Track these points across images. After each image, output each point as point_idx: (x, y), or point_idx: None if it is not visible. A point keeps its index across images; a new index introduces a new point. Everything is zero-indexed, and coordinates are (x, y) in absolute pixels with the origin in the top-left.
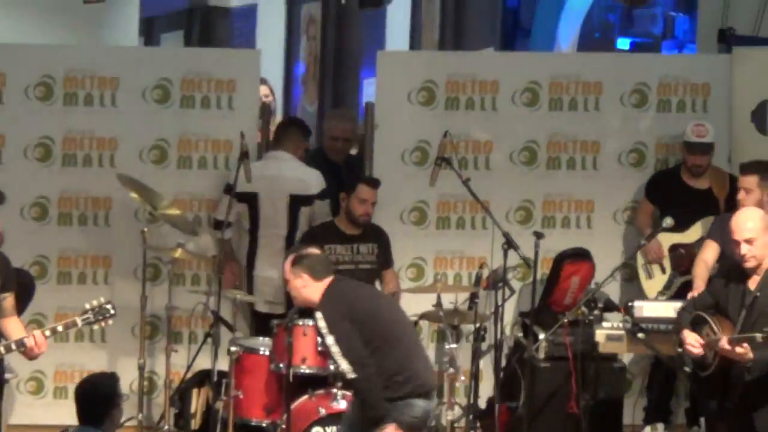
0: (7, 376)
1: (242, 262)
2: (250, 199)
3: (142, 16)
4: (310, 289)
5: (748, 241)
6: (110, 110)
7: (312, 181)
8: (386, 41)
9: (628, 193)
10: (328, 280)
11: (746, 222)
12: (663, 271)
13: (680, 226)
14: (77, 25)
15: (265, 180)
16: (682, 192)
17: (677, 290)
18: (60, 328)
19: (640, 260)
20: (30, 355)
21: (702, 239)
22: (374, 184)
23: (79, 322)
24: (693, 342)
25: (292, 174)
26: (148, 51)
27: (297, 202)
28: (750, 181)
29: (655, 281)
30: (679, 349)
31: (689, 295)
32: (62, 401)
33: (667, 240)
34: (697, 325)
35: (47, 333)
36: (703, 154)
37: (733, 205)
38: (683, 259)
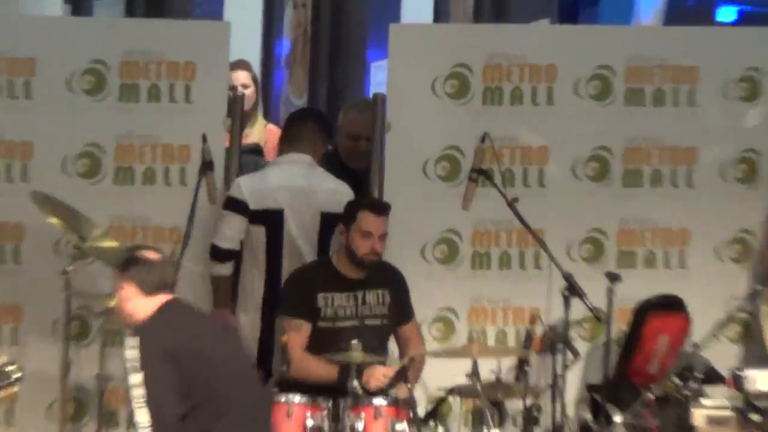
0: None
1: (251, 304)
2: (272, 219)
3: None
4: (135, 303)
5: None
6: (23, 104)
7: (345, 195)
8: (402, 11)
9: (736, 219)
10: (161, 299)
11: None
12: None
13: None
14: None
15: (288, 193)
16: None
17: None
18: None
19: (765, 311)
20: None
21: None
22: (382, 209)
23: None
24: None
25: (324, 185)
26: (75, 22)
27: (329, 222)
28: None
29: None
30: None
31: None
32: None
33: None
34: None
35: None
36: None
37: None
38: None
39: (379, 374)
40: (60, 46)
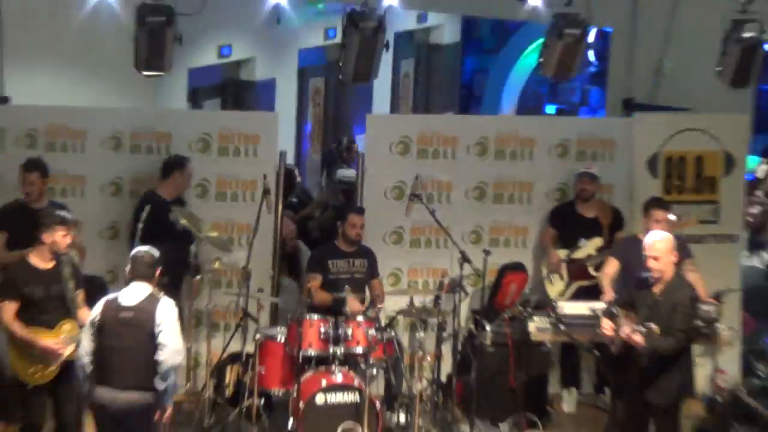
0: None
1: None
2: None
3: (189, 87)
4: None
5: (655, 258)
6: (160, 158)
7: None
8: (373, 106)
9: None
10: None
11: (656, 243)
12: (561, 278)
13: (573, 246)
14: (140, 92)
15: None
16: (575, 219)
17: (572, 293)
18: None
19: (543, 271)
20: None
21: (590, 256)
22: (361, 211)
23: None
24: (607, 327)
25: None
26: (193, 113)
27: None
28: (660, 214)
29: (555, 287)
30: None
31: (604, 299)
32: None
33: (563, 256)
34: (611, 316)
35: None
36: (589, 180)
37: (614, 231)
38: (576, 270)
39: (357, 304)
40: (186, 126)
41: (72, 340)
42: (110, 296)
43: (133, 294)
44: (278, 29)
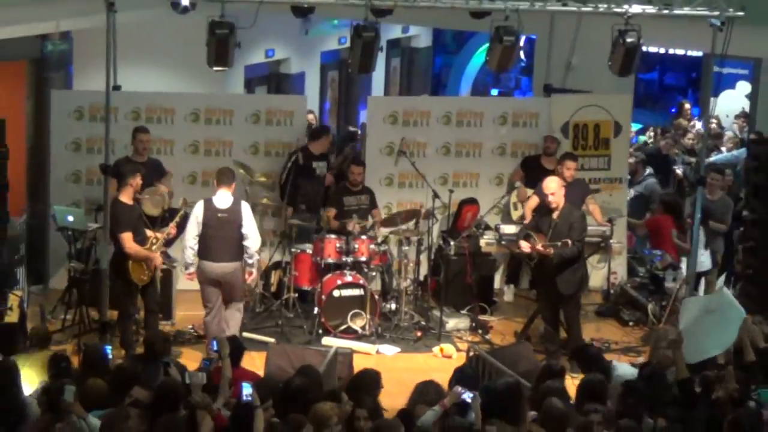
0: (173, 258)
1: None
2: None
3: (245, 78)
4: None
5: (552, 194)
6: (229, 127)
7: None
8: (372, 90)
9: (495, 170)
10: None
11: (549, 184)
12: (523, 207)
13: (535, 186)
14: (211, 81)
15: None
16: (539, 168)
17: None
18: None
19: (513, 198)
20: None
21: (530, 195)
22: (360, 163)
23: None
24: (524, 245)
25: None
26: (248, 96)
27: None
28: (570, 164)
29: (517, 212)
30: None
31: (525, 222)
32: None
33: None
34: (527, 237)
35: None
36: (552, 140)
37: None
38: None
39: (358, 225)
40: (243, 105)
41: (158, 250)
42: (206, 200)
43: (223, 199)
44: (306, 38)
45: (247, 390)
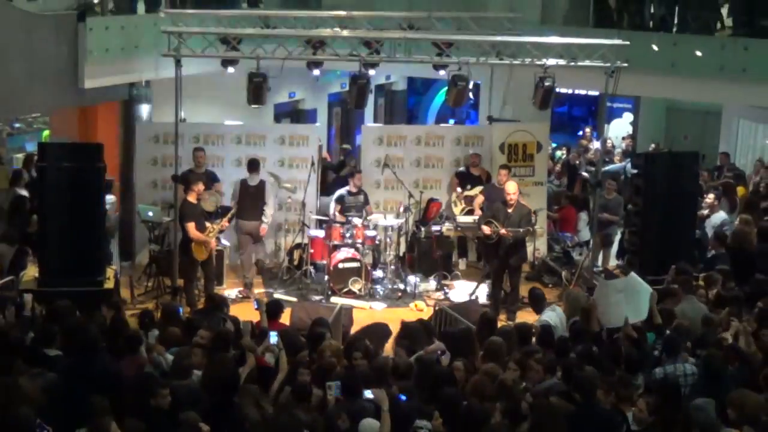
0: (224, 243)
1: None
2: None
3: (274, 112)
4: None
5: (514, 194)
6: (263, 147)
7: None
8: (365, 120)
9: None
10: None
11: (509, 188)
12: (460, 204)
13: (468, 188)
14: (250, 115)
15: None
16: (469, 175)
17: (463, 212)
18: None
19: (454, 197)
20: None
21: (475, 194)
22: (360, 172)
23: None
24: (485, 229)
25: None
26: (277, 126)
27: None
28: (504, 172)
29: (457, 208)
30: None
31: (478, 215)
32: None
33: (463, 193)
34: (489, 223)
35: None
36: (476, 156)
37: (487, 182)
38: (467, 200)
39: (358, 219)
40: (273, 132)
41: (213, 236)
42: (242, 180)
43: (253, 179)
44: (318, 83)
45: (273, 339)
